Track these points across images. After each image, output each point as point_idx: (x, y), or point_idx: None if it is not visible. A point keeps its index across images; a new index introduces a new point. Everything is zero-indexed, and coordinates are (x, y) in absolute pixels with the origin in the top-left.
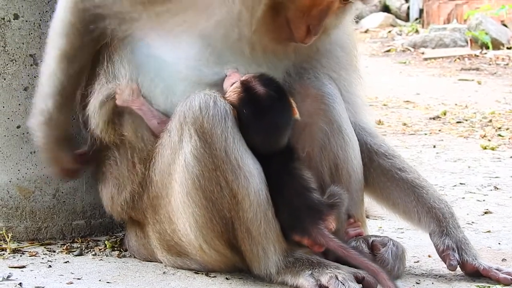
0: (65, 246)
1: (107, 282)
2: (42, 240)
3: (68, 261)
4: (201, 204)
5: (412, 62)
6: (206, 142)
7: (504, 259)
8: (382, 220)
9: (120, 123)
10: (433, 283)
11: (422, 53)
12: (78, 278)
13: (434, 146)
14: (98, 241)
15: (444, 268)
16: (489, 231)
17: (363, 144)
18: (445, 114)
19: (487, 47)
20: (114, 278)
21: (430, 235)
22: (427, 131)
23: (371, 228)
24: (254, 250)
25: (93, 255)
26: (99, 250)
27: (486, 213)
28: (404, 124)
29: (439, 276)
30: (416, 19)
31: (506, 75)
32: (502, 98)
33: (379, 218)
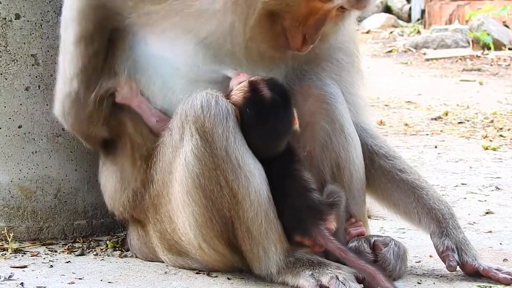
0: (66, 246)
1: (109, 282)
2: (44, 240)
3: (69, 261)
4: (201, 203)
5: (413, 62)
6: (207, 141)
7: (505, 259)
8: (383, 220)
9: (120, 118)
10: (434, 283)
11: (424, 53)
12: (79, 278)
13: (436, 147)
14: (100, 241)
15: (445, 268)
16: (490, 232)
17: (364, 145)
18: (446, 114)
19: (489, 48)
20: (116, 278)
21: (431, 236)
22: (429, 132)
23: (373, 228)
24: (255, 250)
25: (94, 255)
26: (101, 250)
27: (487, 213)
28: (405, 124)
29: (441, 276)
30: (417, 20)
31: (508, 76)
32: (504, 99)
33: (381, 218)
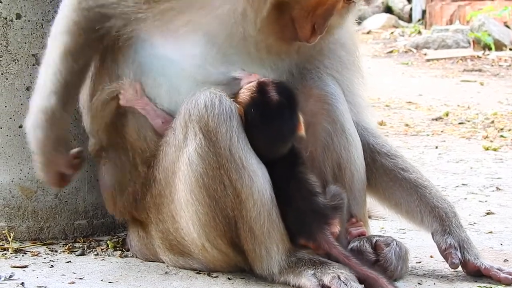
0: (67, 246)
1: (109, 282)
2: (44, 240)
3: (70, 261)
4: (204, 202)
5: (414, 63)
6: (210, 141)
7: (506, 260)
8: (384, 220)
9: (122, 124)
10: (435, 284)
11: (425, 54)
12: (80, 278)
13: (436, 147)
14: (100, 241)
15: (446, 268)
16: (491, 232)
17: (366, 144)
18: (447, 115)
19: (490, 48)
20: (116, 278)
21: (433, 234)
22: (429, 132)
23: (373, 228)
24: (257, 250)
25: (95, 255)
26: (101, 250)
27: (488, 213)
28: (406, 125)
29: (441, 276)
30: (418, 20)
31: (509, 76)
32: (505, 99)
33: (381, 219)
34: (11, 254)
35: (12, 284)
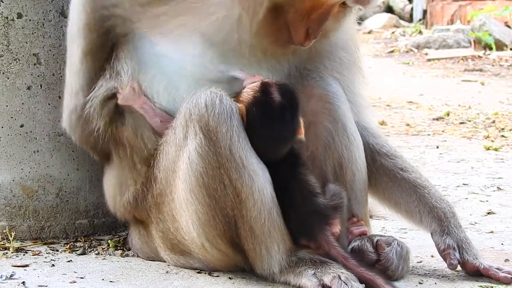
0: (68, 245)
1: (110, 281)
2: (45, 239)
3: (71, 260)
4: (204, 201)
5: (415, 63)
6: (211, 140)
7: (507, 260)
8: (385, 220)
9: (120, 122)
10: (436, 283)
11: (426, 54)
12: (81, 277)
13: (437, 147)
14: (101, 240)
15: (447, 268)
16: (492, 232)
17: (365, 144)
18: (448, 115)
19: (491, 48)
20: (117, 277)
21: (432, 235)
22: (430, 132)
23: (374, 228)
24: (257, 249)
25: (96, 254)
26: (102, 249)
27: (489, 213)
28: (407, 124)
29: (442, 276)
30: (419, 20)
31: (510, 76)
32: (506, 99)
33: (382, 218)
34: (12, 253)
35: (13, 283)
